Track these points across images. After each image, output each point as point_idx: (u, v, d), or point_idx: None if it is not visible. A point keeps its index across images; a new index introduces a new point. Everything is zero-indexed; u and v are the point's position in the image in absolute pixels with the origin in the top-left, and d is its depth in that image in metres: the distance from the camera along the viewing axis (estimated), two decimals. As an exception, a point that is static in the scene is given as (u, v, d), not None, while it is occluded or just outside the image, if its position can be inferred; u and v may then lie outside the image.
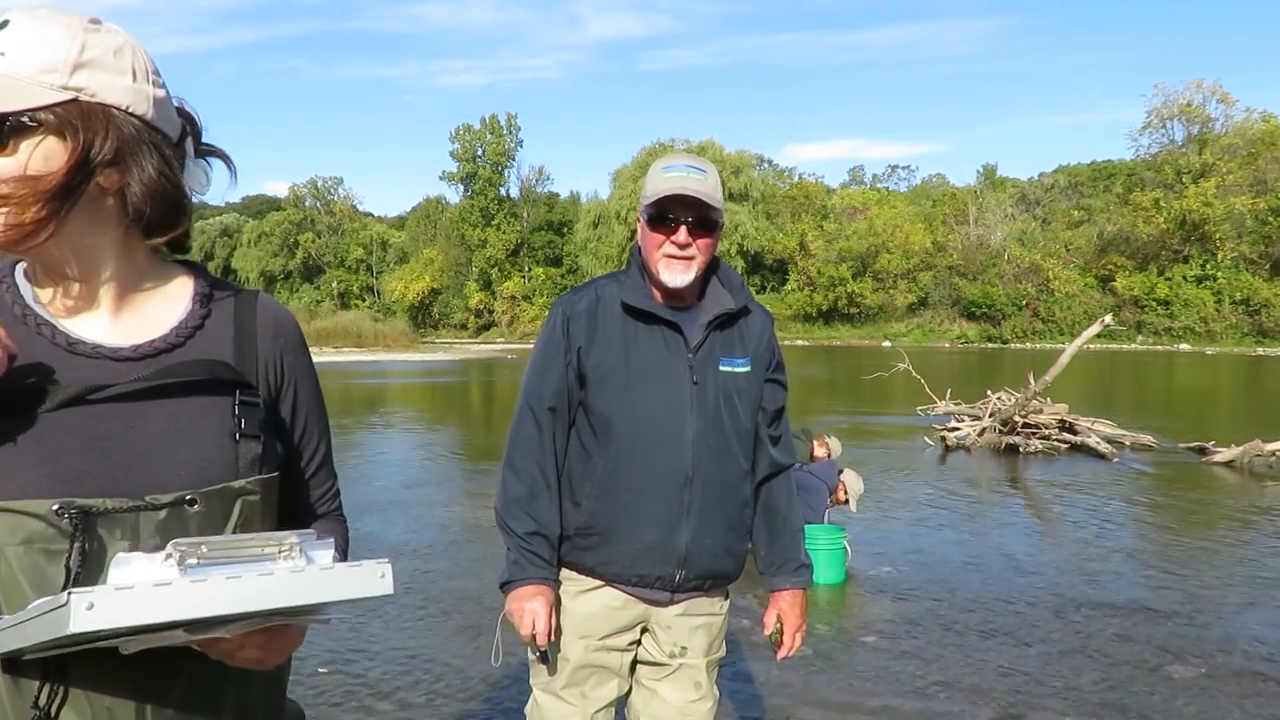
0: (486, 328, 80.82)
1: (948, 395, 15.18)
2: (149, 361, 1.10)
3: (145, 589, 0.74)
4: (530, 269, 79.75)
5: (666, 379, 2.05)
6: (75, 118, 1.04)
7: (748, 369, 2.14)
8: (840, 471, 6.96)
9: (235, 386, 1.14)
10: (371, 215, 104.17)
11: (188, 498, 1.04)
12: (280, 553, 0.83)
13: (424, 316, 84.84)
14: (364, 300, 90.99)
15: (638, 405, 2.04)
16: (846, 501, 6.95)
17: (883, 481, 9.93)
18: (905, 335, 65.97)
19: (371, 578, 0.86)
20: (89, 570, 0.98)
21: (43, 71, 1.03)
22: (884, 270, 67.85)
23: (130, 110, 1.08)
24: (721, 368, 2.10)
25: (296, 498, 1.26)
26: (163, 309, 1.15)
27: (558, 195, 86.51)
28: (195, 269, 1.22)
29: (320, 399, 1.30)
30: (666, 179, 2.02)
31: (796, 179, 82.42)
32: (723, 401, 2.09)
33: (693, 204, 2.01)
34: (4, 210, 1.03)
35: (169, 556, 0.79)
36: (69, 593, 0.72)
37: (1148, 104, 77.15)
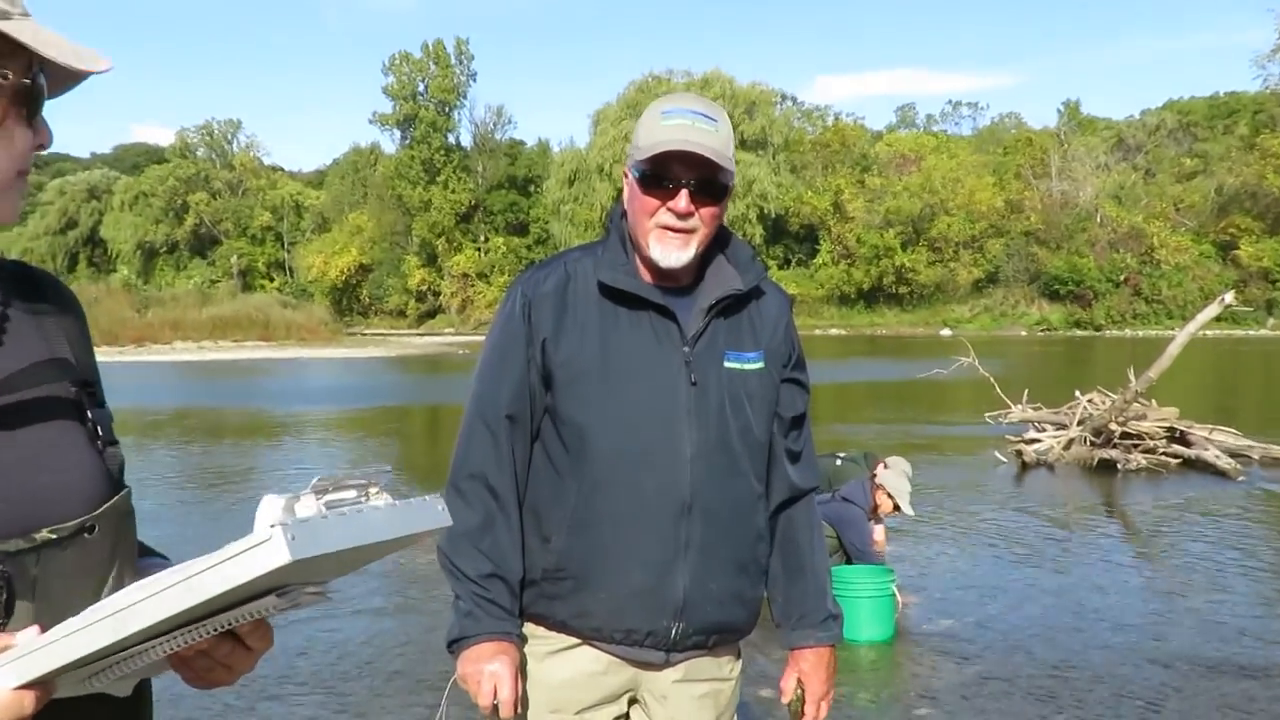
0: (431, 314, 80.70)
1: (1024, 398, 15.22)
2: None
3: (318, 521, 0.98)
4: (487, 238, 79.66)
5: (656, 378, 2.06)
6: (7, 56, 1.09)
7: (760, 366, 2.14)
8: (872, 478, 6.99)
9: (77, 386, 1.19)
10: (282, 170, 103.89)
11: (87, 525, 1.12)
12: (373, 493, 1.08)
13: (350, 300, 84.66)
14: (272, 280, 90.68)
15: (620, 412, 2.04)
16: (896, 510, 6.98)
17: (942, 508, 9.96)
18: (969, 321, 66.15)
19: (434, 511, 1.14)
20: (12, 622, 1.06)
21: None
22: (942, 237, 68.05)
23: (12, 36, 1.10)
24: (727, 364, 2.10)
25: None
26: None
27: (522, 144, 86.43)
28: None
29: None
30: (666, 128, 2.01)
31: (830, 121, 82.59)
32: (729, 407, 2.09)
33: (698, 163, 2.01)
34: None
35: (298, 498, 1.01)
36: (271, 526, 0.94)
37: (1279, 21, 77.38)
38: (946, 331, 59.65)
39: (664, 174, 2.02)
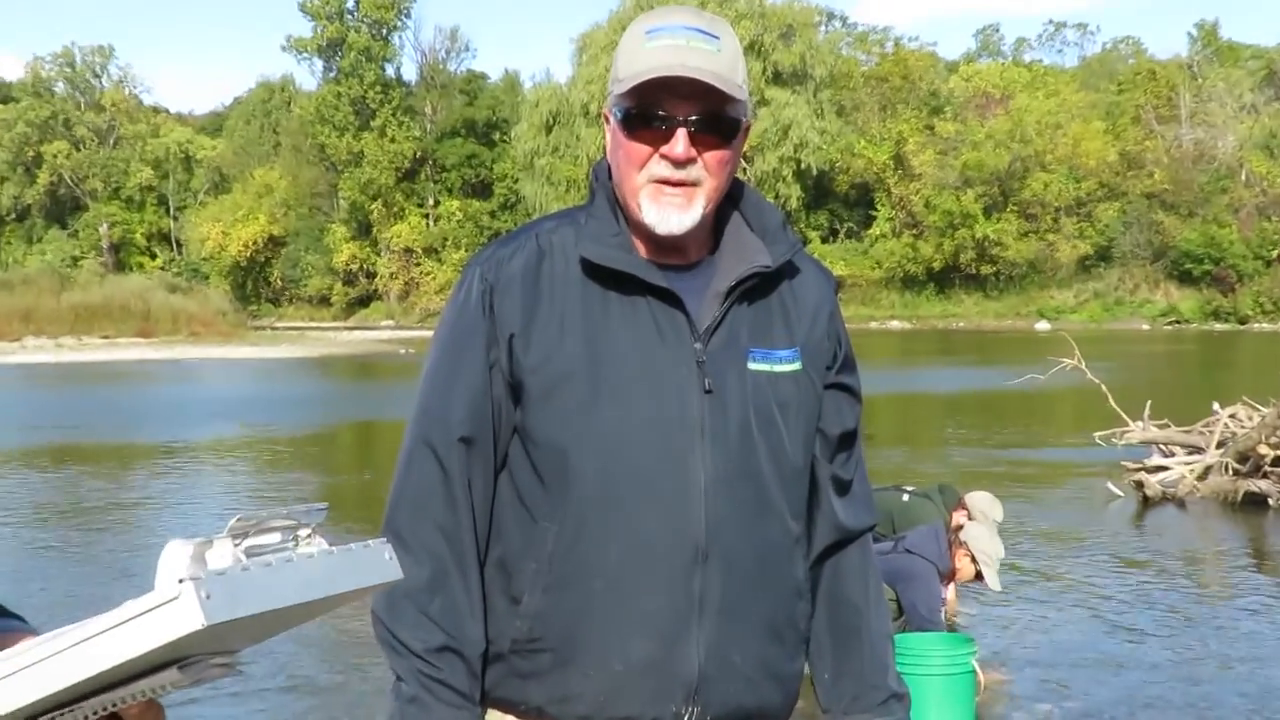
0: (363, 302, 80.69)
1: (1146, 412, 15.23)
2: None
3: (237, 574, 1.02)
4: (437, 202, 79.65)
5: (659, 385, 2.05)
6: None
7: (795, 367, 2.13)
8: (956, 530, 6.99)
9: None
10: (167, 112, 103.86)
11: None
12: (304, 536, 1.14)
13: (257, 284, 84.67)
14: (154, 256, 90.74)
15: (612, 430, 2.03)
16: (978, 577, 6.99)
17: (1038, 557, 9.95)
18: (1074, 311, 66.09)
19: (381, 560, 1.21)
20: None
21: None
22: (1038, 201, 68.03)
23: None
24: (751, 365, 2.09)
25: None
26: None
27: (484, 78, 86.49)
28: None
29: None
30: (652, 51, 2.01)
31: (889, 48, 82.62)
32: (755, 421, 2.08)
33: (697, 92, 2.00)
34: None
35: (210, 544, 1.05)
36: (179, 581, 0.96)
37: None
38: (1044, 325, 59.62)
39: (653, 110, 2.01)
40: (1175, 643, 7.72)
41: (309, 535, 1.13)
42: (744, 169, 55.57)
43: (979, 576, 6.98)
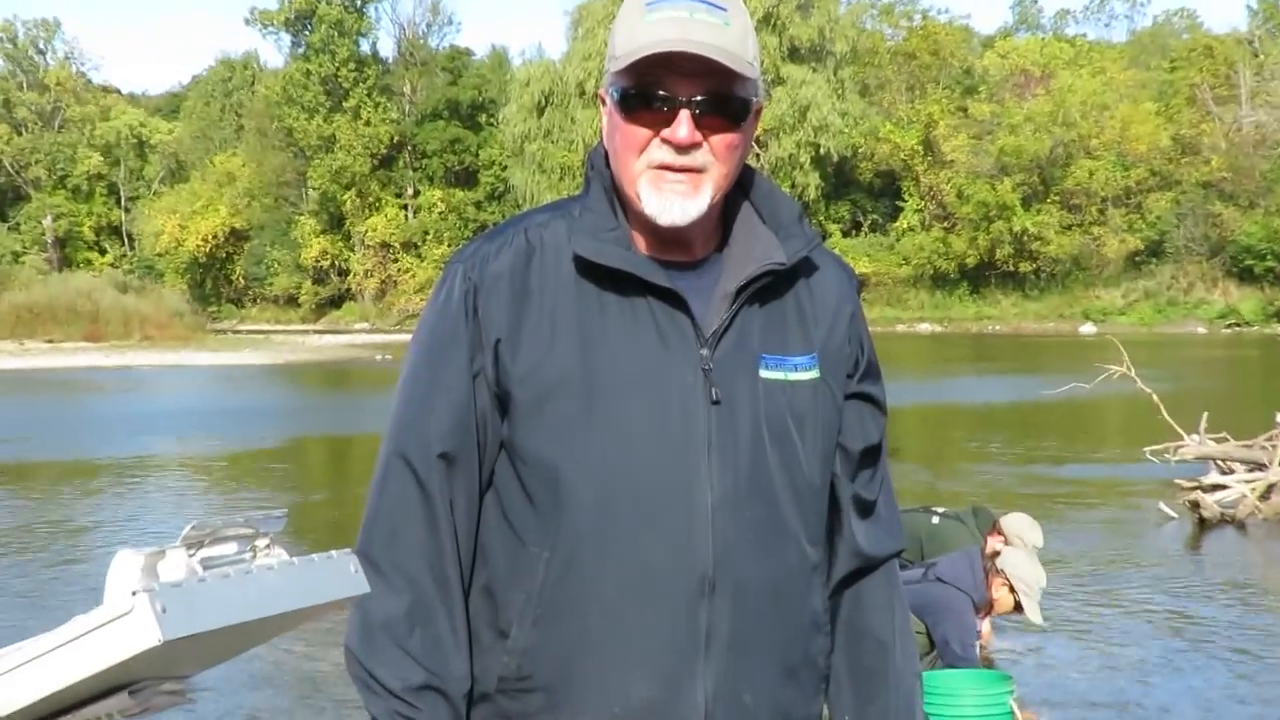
0: (335, 303, 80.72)
1: (1202, 425, 15.21)
2: None
3: (194, 586, 1.05)
4: (417, 192, 79.69)
5: (661, 396, 2.04)
6: None
7: (813, 375, 2.13)
8: (992, 556, 6.99)
9: None
10: (118, 92, 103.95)
11: None
12: (262, 547, 1.18)
13: (217, 282, 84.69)
14: (104, 252, 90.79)
15: (609, 446, 2.02)
16: (1017, 608, 6.99)
17: (1083, 586, 9.94)
18: (1123, 313, 66.04)
19: (346, 573, 1.25)
20: None
21: None
22: (1082, 190, 67.99)
23: None
24: (764, 373, 2.09)
25: None
26: None
27: (469, 54, 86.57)
28: None
29: None
30: (653, 24, 2.00)
31: (918, 21, 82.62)
32: (768, 435, 2.07)
33: (702, 69, 2.00)
34: None
35: (162, 554, 1.10)
36: (132, 593, 0.98)
37: None
38: (1089, 327, 59.62)
39: (654, 90, 2.00)
40: (1234, 681, 7.71)
41: (268, 546, 1.14)
42: (756, 155, 55.39)
43: (1018, 608, 6.96)
